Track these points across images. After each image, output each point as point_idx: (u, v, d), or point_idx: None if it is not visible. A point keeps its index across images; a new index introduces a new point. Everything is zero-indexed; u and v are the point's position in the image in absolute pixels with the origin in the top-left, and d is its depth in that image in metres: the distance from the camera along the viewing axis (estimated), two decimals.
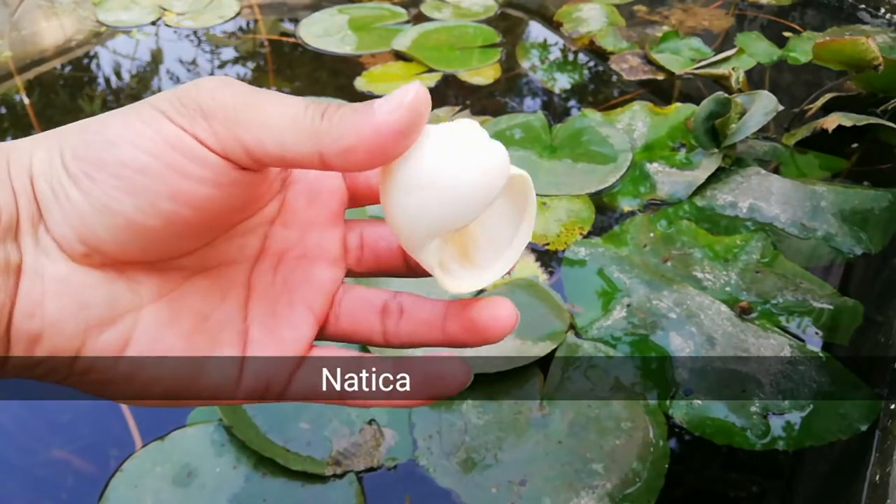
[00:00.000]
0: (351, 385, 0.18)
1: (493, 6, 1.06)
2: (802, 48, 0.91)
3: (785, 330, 0.53)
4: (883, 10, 1.02)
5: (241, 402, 0.19)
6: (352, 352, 0.19)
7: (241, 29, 1.03)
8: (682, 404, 0.48)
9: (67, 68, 0.93)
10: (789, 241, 0.62)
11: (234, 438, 0.46)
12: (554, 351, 0.51)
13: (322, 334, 0.19)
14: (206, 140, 0.15)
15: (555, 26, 1.01)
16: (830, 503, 0.44)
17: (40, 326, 0.16)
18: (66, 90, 0.89)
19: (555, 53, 0.96)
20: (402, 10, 1.04)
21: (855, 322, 0.53)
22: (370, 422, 0.47)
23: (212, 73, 0.92)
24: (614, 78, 0.89)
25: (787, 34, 0.96)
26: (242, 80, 1.00)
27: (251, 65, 0.94)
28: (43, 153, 0.16)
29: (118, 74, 0.92)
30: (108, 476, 0.44)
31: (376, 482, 0.44)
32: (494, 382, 0.49)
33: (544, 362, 0.51)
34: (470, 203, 0.16)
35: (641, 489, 0.43)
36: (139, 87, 0.90)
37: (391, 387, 0.18)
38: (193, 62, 0.94)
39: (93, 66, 0.94)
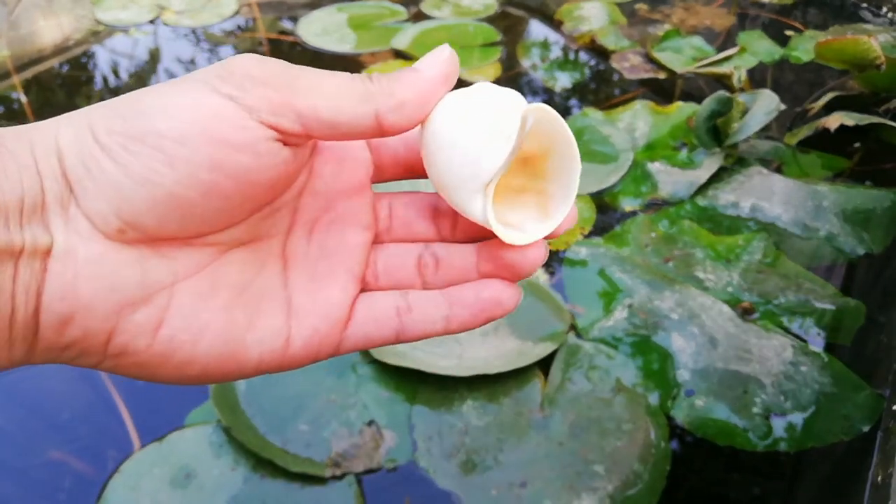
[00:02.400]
0: (404, 324, 0.19)
1: (494, 4, 1.06)
2: (804, 47, 0.90)
3: (787, 330, 0.53)
4: (885, 10, 1.01)
5: (291, 369, 0.19)
6: (397, 293, 0.19)
7: (239, 27, 1.02)
8: (683, 405, 0.48)
9: (65, 67, 0.92)
10: (791, 242, 0.61)
11: (232, 440, 0.46)
12: (555, 352, 0.51)
13: (361, 293, 0.20)
14: (257, 105, 0.15)
15: (555, 25, 1.01)
16: None
17: (72, 309, 0.15)
18: (63, 89, 0.88)
19: (555, 52, 0.96)
20: (402, 9, 1.04)
21: (857, 322, 0.53)
22: (370, 423, 0.47)
23: None
24: (615, 77, 0.89)
25: (789, 33, 0.95)
26: None
27: None
28: (69, 131, 0.16)
29: (116, 73, 0.91)
30: (106, 477, 0.44)
31: (376, 484, 0.44)
32: (495, 383, 0.49)
33: (545, 363, 0.51)
34: (494, 143, 0.17)
35: (643, 491, 0.43)
36: (137, 85, 0.90)
37: (446, 317, 0.19)
38: (192, 61, 0.94)
39: (91, 64, 0.93)
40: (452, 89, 0.18)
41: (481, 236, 0.19)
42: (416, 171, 0.20)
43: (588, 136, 0.75)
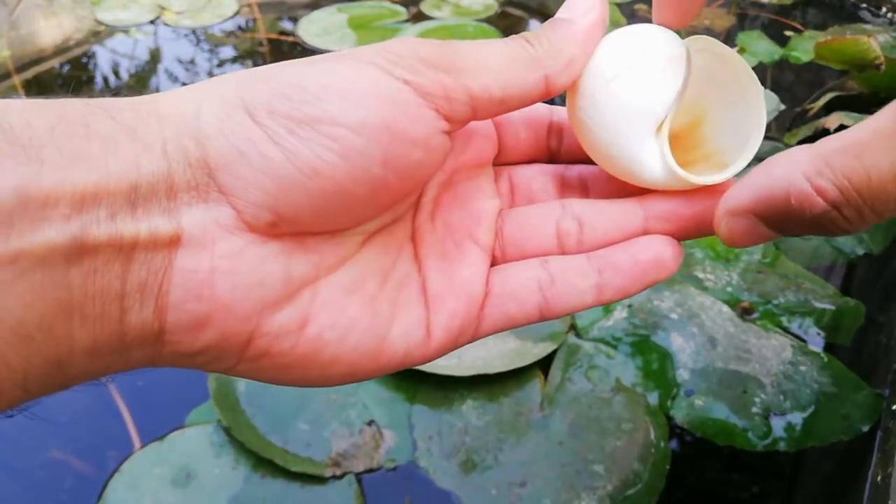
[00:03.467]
0: (548, 299, 0.17)
1: (494, 5, 1.06)
2: (804, 47, 0.90)
3: (786, 330, 0.53)
4: (884, 10, 1.01)
5: (433, 360, 0.17)
6: (535, 261, 0.17)
7: (239, 28, 1.03)
8: (683, 405, 0.48)
9: (66, 67, 0.92)
10: (791, 242, 0.62)
11: (233, 439, 0.46)
12: (555, 351, 0.51)
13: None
14: (433, 90, 0.14)
15: None
16: None
17: (208, 309, 0.14)
18: (64, 89, 0.88)
19: None
20: (402, 9, 1.04)
21: (857, 322, 0.53)
22: (370, 423, 0.47)
23: (210, 73, 0.92)
24: None
25: (788, 33, 0.95)
26: None
27: (250, 64, 0.94)
28: (214, 105, 0.14)
29: (117, 73, 0.92)
30: (107, 477, 0.44)
31: (376, 483, 0.44)
32: (495, 383, 0.49)
33: (545, 363, 0.51)
34: (660, 74, 0.16)
35: (642, 490, 0.43)
36: (138, 86, 0.90)
37: (596, 284, 0.16)
38: (192, 61, 0.94)
39: (91, 65, 0.94)
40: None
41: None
42: (534, 156, 0.19)
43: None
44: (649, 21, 0.18)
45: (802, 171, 0.14)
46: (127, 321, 0.13)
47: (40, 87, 0.88)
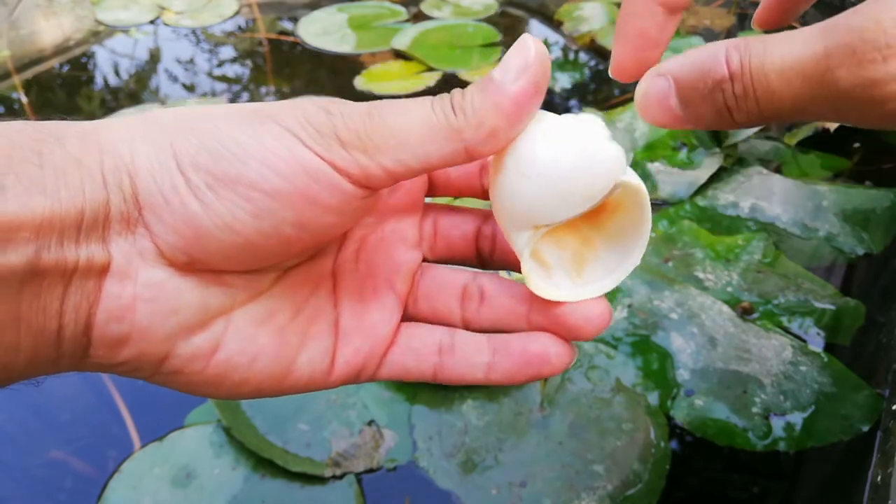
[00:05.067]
0: (443, 363, 0.18)
1: (494, 5, 1.06)
2: None
3: (786, 330, 0.53)
4: None
5: (333, 388, 0.19)
6: (442, 329, 0.18)
7: (239, 28, 1.03)
8: (683, 405, 0.48)
9: (66, 67, 0.92)
10: (791, 242, 0.62)
11: (232, 439, 0.46)
12: None
13: (403, 316, 0.19)
14: (347, 168, 0.15)
15: (555, 25, 1.01)
16: None
17: (128, 331, 0.15)
18: (64, 89, 0.88)
19: (555, 52, 0.96)
20: (402, 9, 1.04)
21: (857, 322, 0.53)
22: (370, 423, 0.47)
23: (210, 73, 0.92)
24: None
25: None
26: (240, 79, 0.99)
27: (250, 64, 0.94)
28: (148, 149, 0.15)
29: (117, 73, 0.92)
30: (107, 477, 0.44)
31: (376, 483, 0.44)
32: None
33: None
34: (566, 203, 0.15)
35: (642, 490, 0.43)
36: (138, 86, 0.90)
37: (487, 364, 0.18)
38: (192, 61, 0.94)
39: (91, 65, 0.94)
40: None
41: (518, 267, 0.18)
42: (466, 191, 0.19)
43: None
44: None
45: (727, 43, 0.15)
46: (62, 335, 0.14)
47: (40, 86, 0.88)
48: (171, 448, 0.45)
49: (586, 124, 0.16)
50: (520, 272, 0.17)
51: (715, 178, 0.68)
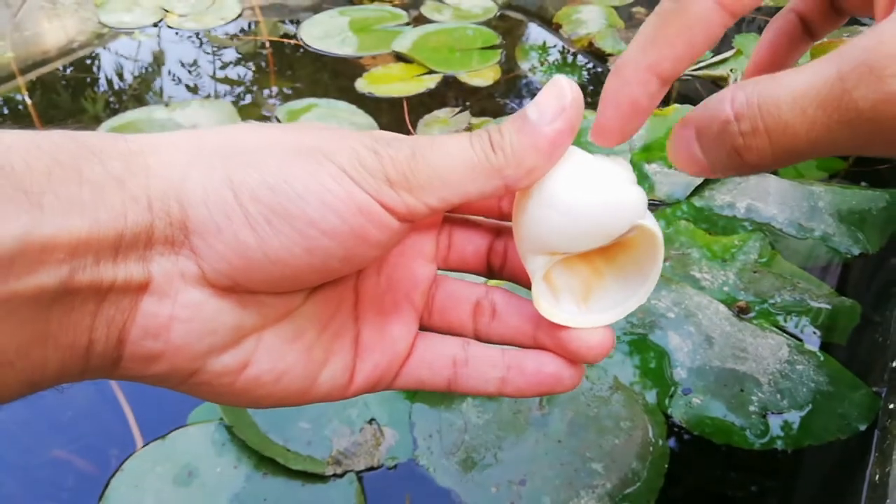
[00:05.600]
0: (458, 375, 0.19)
1: (493, 8, 1.07)
2: None
3: (783, 329, 0.53)
4: None
5: (349, 398, 0.19)
6: (456, 341, 0.19)
7: (242, 30, 1.03)
8: (680, 403, 0.48)
9: (69, 69, 0.93)
10: (787, 241, 0.62)
11: (234, 438, 0.46)
12: None
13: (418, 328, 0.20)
14: (395, 207, 0.15)
15: (554, 28, 1.02)
16: (830, 503, 0.44)
17: (163, 348, 0.15)
18: (68, 91, 0.89)
19: (554, 55, 0.96)
20: (403, 13, 1.04)
21: (852, 322, 0.53)
22: (370, 421, 0.48)
23: (213, 75, 0.92)
24: None
25: None
26: (243, 81, 0.99)
27: (252, 66, 0.95)
28: (200, 176, 0.15)
29: (120, 76, 0.92)
30: (109, 476, 0.44)
31: (376, 482, 0.44)
32: None
33: None
34: (585, 237, 0.16)
35: (641, 489, 0.43)
36: (141, 88, 0.90)
37: (501, 378, 0.18)
38: (195, 63, 0.95)
39: (95, 67, 0.94)
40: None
41: (525, 281, 0.19)
42: (483, 213, 0.20)
43: (586, 138, 0.75)
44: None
45: (735, 85, 0.15)
46: (92, 350, 0.15)
47: (44, 88, 0.89)
48: (174, 446, 0.46)
49: (612, 166, 0.17)
50: (525, 287, 0.18)
51: (711, 179, 0.69)
